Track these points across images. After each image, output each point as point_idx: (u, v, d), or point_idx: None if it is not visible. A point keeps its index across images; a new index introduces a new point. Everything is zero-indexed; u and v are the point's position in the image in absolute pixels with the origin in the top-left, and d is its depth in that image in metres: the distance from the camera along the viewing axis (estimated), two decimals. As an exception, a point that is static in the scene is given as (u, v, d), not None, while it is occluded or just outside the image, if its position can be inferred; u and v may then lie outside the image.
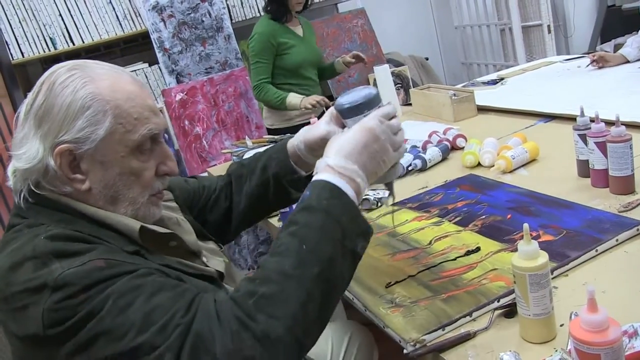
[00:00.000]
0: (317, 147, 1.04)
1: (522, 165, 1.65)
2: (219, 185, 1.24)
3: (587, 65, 2.65)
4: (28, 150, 0.85)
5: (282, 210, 1.55)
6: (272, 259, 0.79)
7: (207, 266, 1.02)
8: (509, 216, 1.32)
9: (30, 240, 0.81)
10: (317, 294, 0.77)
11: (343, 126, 0.99)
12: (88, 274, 0.76)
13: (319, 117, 1.11)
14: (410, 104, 2.69)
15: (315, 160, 0.93)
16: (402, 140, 0.95)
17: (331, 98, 2.90)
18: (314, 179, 0.87)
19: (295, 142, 1.11)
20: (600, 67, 2.60)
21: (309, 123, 1.23)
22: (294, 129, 2.19)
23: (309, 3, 2.99)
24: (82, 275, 0.75)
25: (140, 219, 0.91)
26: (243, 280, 0.79)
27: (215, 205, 1.22)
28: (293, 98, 2.77)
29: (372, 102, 0.94)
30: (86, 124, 0.84)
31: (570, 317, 0.90)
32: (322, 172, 0.87)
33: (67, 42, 3.39)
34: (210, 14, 3.48)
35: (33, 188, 0.87)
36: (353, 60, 2.93)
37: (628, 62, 2.58)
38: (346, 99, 0.95)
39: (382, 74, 2.58)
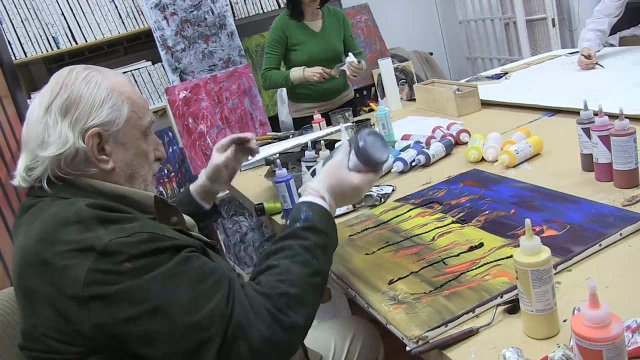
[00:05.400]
0: (215, 177, 1.40)
1: (526, 160, 1.64)
2: None
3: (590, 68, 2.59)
4: (58, 138, 0.95)
5: (286, 207, 1.59)
6: (294, 266, 0.96)
7: None
8: (512, 211, 1.32)
9: (68, 206, 0.90)
10: (320, 293, 0.99)
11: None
12: (135, 245, 0.85)
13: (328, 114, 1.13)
14: (414, 99, 2.68)
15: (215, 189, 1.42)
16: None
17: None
18: (314, 202, 1.06)
19: (199, 181, 1.42)
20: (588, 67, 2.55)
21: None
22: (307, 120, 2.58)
23: None
24: (130, 245, 0.85)
25: None
26: (268, 276, 0.95)
27: None
28: (295, 72, 2.82)
29: (378, 163, 1.11)
30: (111, 111, 0.99)
31: (574, 312, 0.90)
32: (315, 197, 1.07)
33: (69, 41, 3.40)
34: (213, 11, 3.47)
35: (58, 172, 0.96)
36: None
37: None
38: (379, 154, 1.11)
39: (386, 67, 2.71)
